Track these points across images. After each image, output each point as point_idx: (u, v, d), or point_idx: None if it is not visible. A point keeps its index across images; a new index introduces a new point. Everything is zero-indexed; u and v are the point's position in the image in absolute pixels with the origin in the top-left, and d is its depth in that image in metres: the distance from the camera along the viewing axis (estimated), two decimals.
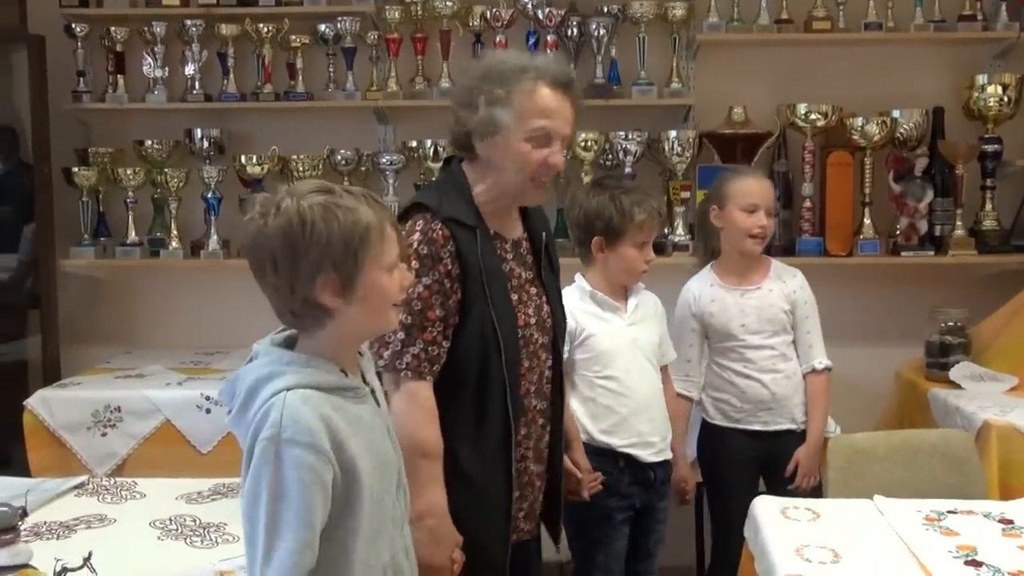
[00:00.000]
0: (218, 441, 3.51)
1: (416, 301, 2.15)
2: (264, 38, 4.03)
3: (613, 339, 2.89)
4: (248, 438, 1.61)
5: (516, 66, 2.21)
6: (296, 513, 1.56)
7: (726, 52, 4.07)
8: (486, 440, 2.23)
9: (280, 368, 1.64)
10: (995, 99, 3.91)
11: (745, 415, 3.13)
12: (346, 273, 1.62)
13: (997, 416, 3.18)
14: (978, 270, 4.03)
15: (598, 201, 2.87)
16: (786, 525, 2.30)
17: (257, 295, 4.37)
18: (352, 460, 1.64)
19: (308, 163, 3.99)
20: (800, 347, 3.17)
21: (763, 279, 3.17)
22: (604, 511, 2.84)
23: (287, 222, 1.60)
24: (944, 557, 2.11)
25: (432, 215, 2.20)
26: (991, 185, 3.99)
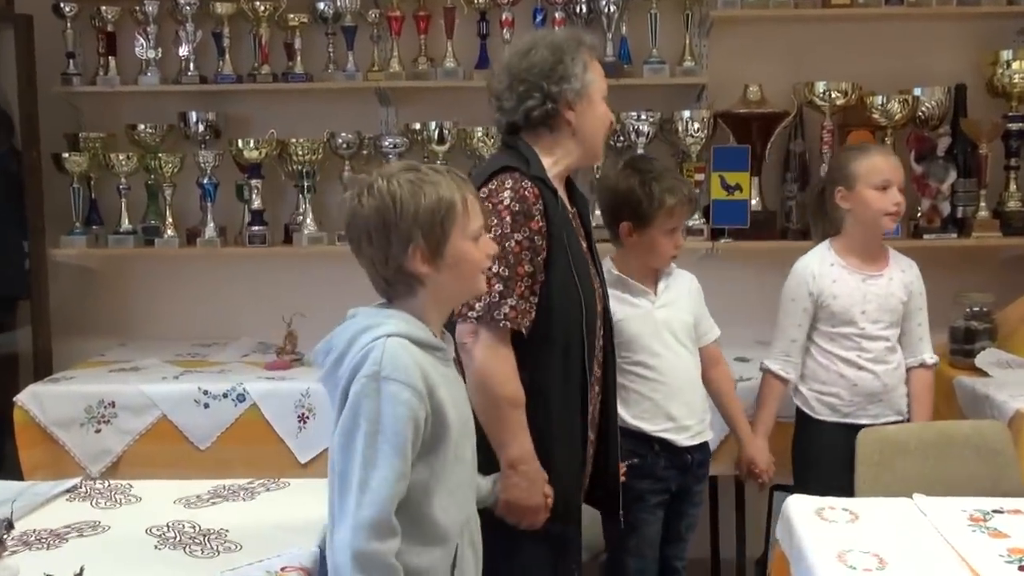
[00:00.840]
0: (217, 437, 3.39)
1: (509, 255, 2.22)
2: (261, 17, 3.89)
3: (642, 324, 2.81)
4: (344, 379, 1.75)
5: (571, 37, 2.44)
6: (392, 445, 1.70)
7: (741, 29, 3.95)
8: (569, 392, 2.33)
9: (380, 320, 1.79)
10: (1020, 75, 3.80)
11: (855, 408, 2.99)
12: (434, 241, 1.79)
13: None
14: (1002, 253, 3.94)
15: (628, 184, 2.79)
16: (824, 527, 2.18)
17: (255, 284, 4.28)
18: (441, 406, 1.78)
19: (308, 147, 3.85)
20: (910, 339, 3.05)
21: (885, 266, 3.04)
22: (638, 494, 2.77)
23: (380, 200, 1.78)
24: (996, 562, 1.99)
25: (521, 174, 2.28)
26: (1015, 165, 3.89)
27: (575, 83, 2.34)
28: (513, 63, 2.39)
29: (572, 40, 2.41)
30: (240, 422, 3.38)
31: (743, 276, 3.88)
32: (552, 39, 2.41)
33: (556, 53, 2.34)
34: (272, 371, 3.56)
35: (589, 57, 2.40)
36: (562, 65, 2.33)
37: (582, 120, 2.38)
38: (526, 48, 2.40)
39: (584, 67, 2.37)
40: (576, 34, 2.48)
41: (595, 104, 2.40)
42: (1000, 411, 3.12)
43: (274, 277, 4.04)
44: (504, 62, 2.45)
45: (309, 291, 3.87)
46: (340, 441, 1.74)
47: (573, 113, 2.36)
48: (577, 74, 2.35)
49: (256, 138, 3.86)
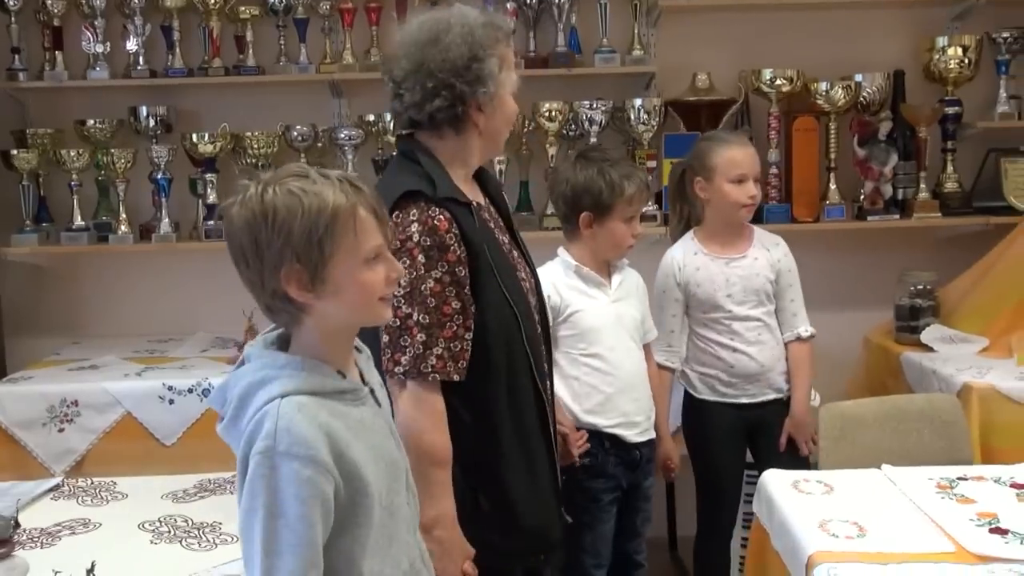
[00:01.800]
0: (183, 433, 3.39)
1: (430, 298, 2.02)
2: (211, 10, 3.86)
3: (598, 316, 2.82)
4: (242, 448, 1.51)
5: (488, 24, 2.14)
6: (295, 532, 1.47)
7: (688, 18, 4.02)
8: (525, 421, 2.16)
9: (273, 372, 1.54)
10: (955, 61, 3.94)
11: (733, 388, 3.08)
12: (312, 265, 1.51)
13: (976, 378, 3.22)
14: (942, 232, 4.07)
15: (586, 175, 2.79)
16: (802, 499, 2.28)
17: (212, 279, 4.25)
18: (356, 468, 1.54)
19: (263, 140, 3.85)
20: (784, 315, 3.13)
21: (748, 247, 3.11)
22: (591, 493, 2.81)
23: (250, 211, 1.51)
24: (967, 526, 2.10)
25: (426, 201, 2.05)
26: (952, 147, 4.04)
27: (490, 85, 2.11)
28: (421, 52, 2.09)
29: (490, 29, 2.13)
30: (207, 417, 3.35)
31: None
32: (468, 26, 2.10)
33: (472, 48, 2.08)
34: (234, 365, 3.54)
35: (506, 49, 2.17)
36: (478, 64, 2.09)
37: (490, 122, 2.17)
38: (436, 32, 2.09)
39: (500, 64, 2.13)
40: (494, 20, 2.18)
41: (505, 104, 2.18)
42: (947, 384, 3.27)
43: (231, 271, 3.98)
44: (407, 45, 2.12)
45: None
46: (240, 521, 1.52)
47: (483, 116, 2.15)
48: (493, 74, 2.11)
49: (209, 132, 3.84)
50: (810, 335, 3.14)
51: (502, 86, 2.15)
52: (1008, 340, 3.53)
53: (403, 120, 2.19)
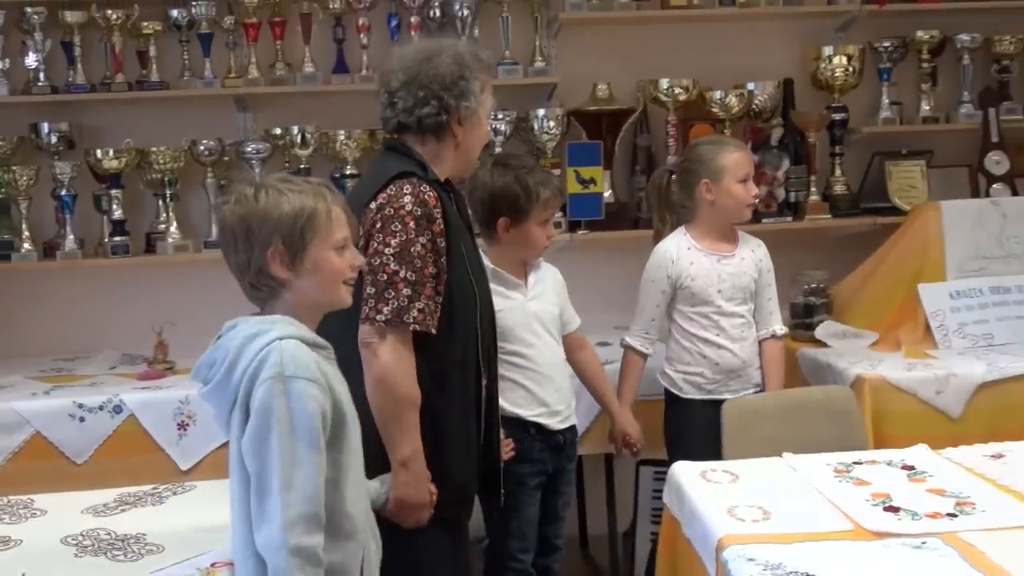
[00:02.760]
0: (94, 450, 3.34)
1: (416, 259, 2.28)
2: (113, 26, 3.84)
3: (516, 315, 2.92)
4: (242, 388, 1.77)
5: (476, 54, 2.50)
6: (308, 442, 1.74)
7: (587, 30, 4.13)
8: (466, 385, 2.43)
9: (267, 326, 1.82)
10: (840, 69, 4.12)
11: (718, 385, 3.18)
12: (293, 247, 1.84)
13: (868, 370, 3.35)
14: (832, 233, 4.22)
15: (503, 181, 2.89)
16: (709, 488, 2.38)
17: (119, 296, 4.22)
18: (341, 403, 1.84)
19: (169, 155, 3.84)
20: (761, 313, 3.26)
21: (735, 247, 3.25)
22: (518, 478, 2.89)
23: (245, 207, 1.85)
24: (863, 506, 2.23)
25: (418, 179, 2.34)
26: (839, 152, 4.21)
27: (472, 102, 2.41)
28: (416, 66, 2.41)
29: (475, 57, 2.47)
30: (118, 433, 3.34)
31: (600, 265, 4.05)
32: (458, 51, 2.45)
33: (460, 67, 2.40)
34: (146, 381, 3.54)
35: (484, 74, 2.48)
36: (464, 81, 2.40)
37: (467, 137, 2.46)
38: (431, 53, 2.42)
39: (481, 87, 2.44)
40: (480, 52, 2.55)
41: (481, 124, 2.50)
42: (841, 377, 3.40)
43: (138, 287, 3.99)
44: (404, 61, 2.44)
45: (176, 300, 3.87)
46: (252, 447, 1.75)
47: (462, 129, 2.43)
48: (475, 93, 2.41)
49: (113, 147, 3.81)
50: (784, 333, 3.30)
51: (481, 106, 2.46)
52: (896, 334, 3.69)
53: (392, 124, 2.46)
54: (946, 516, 2.17)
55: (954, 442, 2.69)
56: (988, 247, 3.82)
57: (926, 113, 4.26)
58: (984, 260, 3.81)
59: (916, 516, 2.17)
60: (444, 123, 2.40)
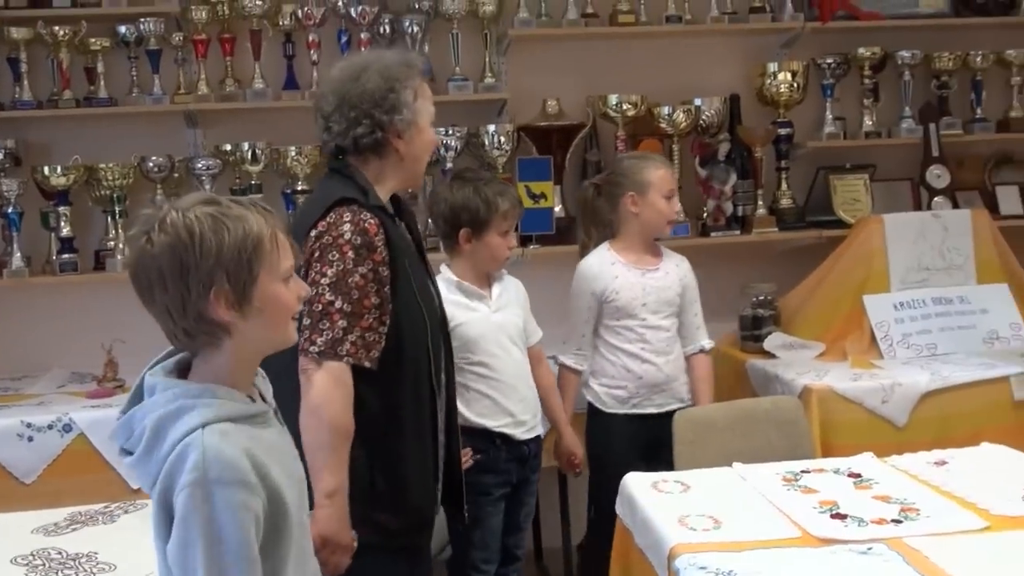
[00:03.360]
0: (43, 470, 3.31)
1: (354, 290, 2.21)
2: (60, 42, 3.79)
3: (480, 326, 2.95)
4: (160, 483, 1.52)
5: (403, 62, 2.41)
6: (237, 554, 1.50)
7: (537, 46, 4.15)
8: (419, 410, 2.35)
9: (188, 402, 1.55)
10: (785, 85, 4.18)
11: (640, 399, 3.21)
12: (240, 284, 1.55)
13: (815, 380, 3.43)
14: (779, 246, 4.27)
15: (463, 194, 2.93)
16: (661, 498, 2.41)
17: (67, 314, 4.16)
18: (277, 489, 1.58)
19: (118, 171, 3.80)
20: (688, 328, 3.30)
21: (660, 261, 3.29)
22: (483, 488, 2.91)
23: (174, 236, 1.53)
24: (811, 513, 2.27)
25: (359, 206, 2.27)
26: (785, 166, 4.28)
27: (406, 113, 2.33)
28: (343, 87, 2.35)
29: (404, 66, 2.38)
30: (67, 452, 3.31)
31: (551, 280, 4.02)
32: (384, 64, 2.37)
33: (388, 81, 2.33)
34: (96, 399, 3.51)
35: (420, 82, 2.40)
36: (393, 94, 2.32)
37: (410, 148, 2.38)
38: (357, 72, 2.36)
39: (415, 95, 2.36)
40: (408, 59, 2.46)
41: (423, 131, 2.40)
42: (789, 388, 3.46)
43: (87, 305, 3.93)
44: (333, 83, 2.39)
45: (126, 317, 3.66)
46: (176, 555, 1.51)
47: (402, 142, 2.35)
48: (408, 103, 2.34)
49: (61, 164, 3.77)
50: (712, 347, 3.33)
51: (418, 114, 2.38)
52: (843, 345, 3.77)
53: (330, 147, 2.41)
54: (891, 522, 2.21)
55: (899, 450, 2.74)
56: (930, 259, 3.90)
57: (869, 128, 4.33)
58: (927, 271, 3.89)
59: (862, 523, 2.21)
60: (381, 140, 2.34)
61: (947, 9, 4.37)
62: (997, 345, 3.78)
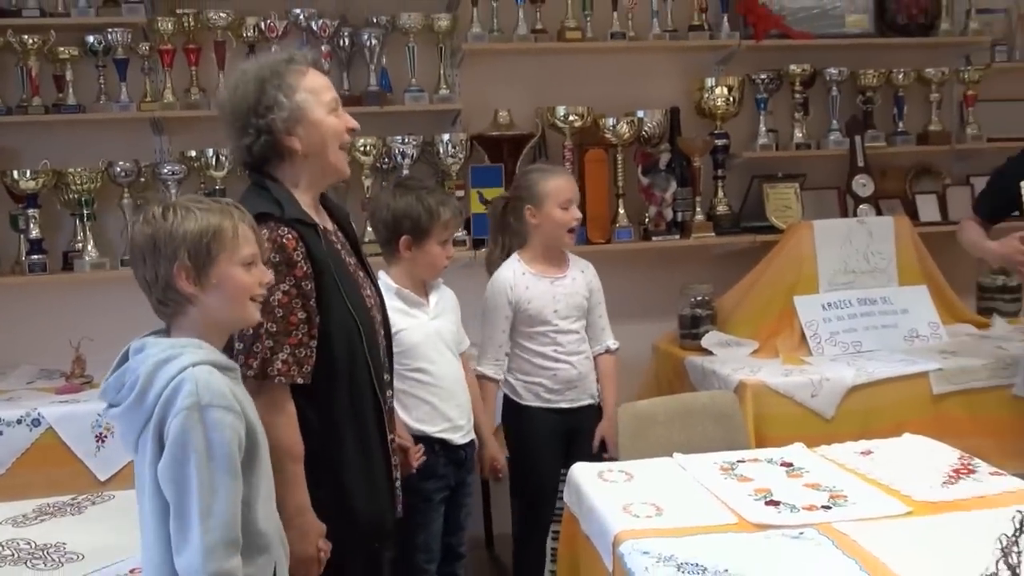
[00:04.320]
0: (12, 462, 3.25)
1: (277, 308, 2.07)
2: (29, 50, 3.72)
3: (419, 333, 2.90)
4: (155, 415, 1.69)
5: (281, 60, 2.21)
6: (225, 469, 1.68)
7: (489, 60, 4.14)
8: (365, 423, 2.22)
9: (177, 351, 1.74)
10: (722, 99, 4.20)
11: (556, 395, 3.19)
12: (200, 262, 1.77)
13: (749, 376, 3.47)
14: (716, 249, 4.30)
15: (405, 202, 2.86)
16: (607, 487, 2.41)
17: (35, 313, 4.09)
18: (252, 425, 1.78)
19: (86, 176, 3.73)
20: (594, 330, 3.29)
21: (567, 268, 3.25)
22: (424, 494, 2.87)
23: (153, 225, 1.78)
24: (747, 500, 2.29)
25: (276, 221, 2.10)
26: (722, 175, 4.29)
27: (282, 111, 2.13)
28: (226, 102, 2.20)
29: (276, 65, 2.18)
30: (36, 446, 3.26)
31: None
32: (256, 69, 2.18)
33: (259, 84, 2.14)
34: (64, 395, 3.45)
35: (296, 76, 2.17)
36: (265, 96, 2.13)
37: (308, 141, 2.17)
38: (235, 82, 2.20)
39: (292, 89, 2.15)
40: (283, 56, 2.23)
41: (317, 121, 2.18)
42: (725, 383, 3.50)
43: (55, 304, 3.86)
44: (220, 99, 2.24)
45: (93, 316, 3.74)
46: (170, 475, 1.66)
47: (295, 138, 2.16)
48: (282, 101, 2.14)
49: (30, 169, 3.69)
50: (617, 347, 3.32)
51: (304, 107, 2.16)
52: (775, 342, 3.81)
53: (240, 163, 2.28)
54: (821, 508, 2.24)
55: (827, 440, 2.77)
56: (856, 262, 3.96)
57: (799, 140, 4.37)
58: (852, 274, 3.95)
59: (794, 509, 2.23)
60: (272, 143, 2.15)
61: (871, 29, 4.43)
62: (917, 343, 3.84)
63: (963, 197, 4.47)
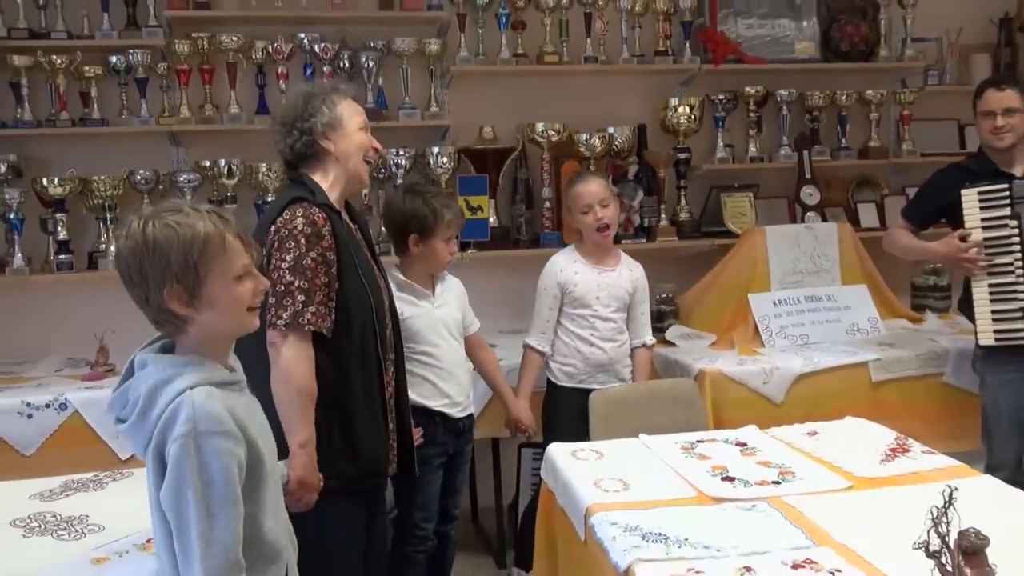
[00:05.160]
0: (42, 443, 3.21)
1: (307, 271, 2.24)
2: (58, 69, 3.69)
3: (424, 320, 2.92)
4: (155, 438, 1.54)
5: (328, 85, 2.50)
6: (224, 495, 1.53)
7: (475, 81, 4.13)
8: (367, 374, 2.36)
9: (176, 371, 1.57)
10: (684, 117, 4.20)
11: (587, 377, 3.21)
12: (189, 284, 1.56)
13: (708, 365, 3.46)
14: (679, 252, 4.29)
15: (413, 204, 2.89)
16: (579, 464, 2.41)
17: (63, 307, 4.05)
18: (254, 442, 1.61)
19: (109, 184, 3.70)
20: (635, 324, 3.30)
21: (616, 264, 3.29)
22: (424, 458, 2.85)
23: (133, 242, 1.55)
24: (706, 476, 2.29)
25: (309, 203, 2.29)
26: (684, 185, 4.29)
27: (323, 117, 2.35)
28: (279, 112, 2.48)
29: (322, 87, 2.47)
30: (63, 428, 3.22)
31: (486, 279, 4.00)
32: (308, 88, 2.47)
33: (306, 98, 2.39)
34: (89, 381, 3.41)
35: (339, 97, 2.41)
36: (310, 106, 2.36)
37: (339, 145, 2.37)
38: (288, 99, 2.48)
39: (332, 104, 2.38)
40: (330, 83, 2.54)
41: (349, 132, 2.40)
42: (687, 371, 3.49)
43: (80, 300, 3.82)
44: (277, 113, 2.51)
45: (115, 310, 3.56)
46: (170, 500, 1.53)
47: (329, 142, 2.36)
48: (324, 111, 2.36)
49: (58, 177, 3.66)
50: (653, 343, 3.33)
51: (340, 118, 2.39)
52: (731, 335, 3.80)
53: (283, 161, 2.46)
54: (771, 483, 2.24)
55: (777, 423, 2.77)
56: (803, 263, 3.96)
57: (753, 154, 4.37)
58: (800, 274, 3.95)
59: (748, 484, 2.23)
60: (310, 143, 2.37)
61: (818, 56, 4.43)
62: (858, 336, 3.85)
63: (900, 205, 4.41)
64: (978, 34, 4.67)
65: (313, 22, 3.92)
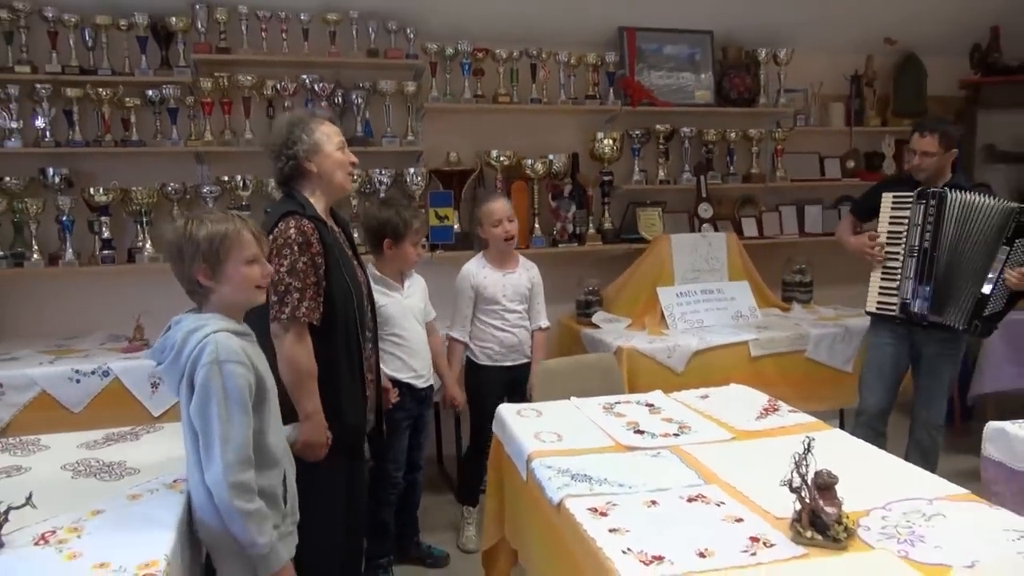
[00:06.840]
0: (88, 403, 3.14)
1: (300, 273, 2.18)
2: (103, 99, 3.59)
3: (395, 308, 2.90)
4: (187, 370, 1.67)
5: (306, 113, 2.37)
6: (239, 405, 1.67)
7: (443, 116, 4.10)
8: (351, 357, 2.31)
9: (204, 321, 1.72)
10: (608, 148, 4.21)
11: (502, 356, 3.20)
12: (213, 262, 1.72)
13: (625, 343, 3.48)
14: (603, 254, 4.31)
15: (387, 214, 2.86)
16: (523, 421, 2.41)
17: (106, 293, 3.96)
18: (261, 374, 1.75)
19: (145, 193, 3.61)
20: (533, 312, 3.29)
21: (516, 267, 3.26)
22: (394, 421, 2.88)
23: (177, 235, 1.75)
24: (621, 429, 2.31)
25: (300, 215, 2.21)
26: (608, 201, 4.30)
27: (303, 144, 2.24)
28: (269, 140, 2.34)
29: (303, 116, 2.32)
30: (106, 391, 3.15)
31: (451, 275, 3.99)
32: (289, 117, 2.32)
33: (288, 128, 2.27)
34: (128, 353, 3.33)
35: (316, 123, 2.29)
36: (292, 135, 2.25)
37: (321, 165, 2.26)
38: (273, 128, 2.35)
39: (311, 132, 2.26)
40: (308, 112, 2.42)
41: (328, 153, 2.27)
42: (608, 348, 3.51)
43: (121, 287, 3.73)
44: (267, 141, 2.38)
45: (149, 296, 3.59)
46: (198, 412, 1.66)
47: (312, 164, 2.25)
48: (304, 138, 2.24)
49: (103, 187, 3.57)
50: (547, 327, 3.32)
51: (319, 141, 2.26)
52: (643, 320, 3.83)
53: (276, 181, 2.35)
54: (672, 435, 2.27)
55: (678, 388, 2.81)
56: (700, 264, 4.01)
57: (662, 177, 4.39)
58: (697, 272, 4.00)
59: (654, 436, 2.26)
60: (296, 166, 2.25)
61: (712, 101, 4.47)
62: (741, 321, 3.91)
63: (774, 220, 4.57)
64: (835, 87, 4.75)
65: (313, 65, 3.86)
